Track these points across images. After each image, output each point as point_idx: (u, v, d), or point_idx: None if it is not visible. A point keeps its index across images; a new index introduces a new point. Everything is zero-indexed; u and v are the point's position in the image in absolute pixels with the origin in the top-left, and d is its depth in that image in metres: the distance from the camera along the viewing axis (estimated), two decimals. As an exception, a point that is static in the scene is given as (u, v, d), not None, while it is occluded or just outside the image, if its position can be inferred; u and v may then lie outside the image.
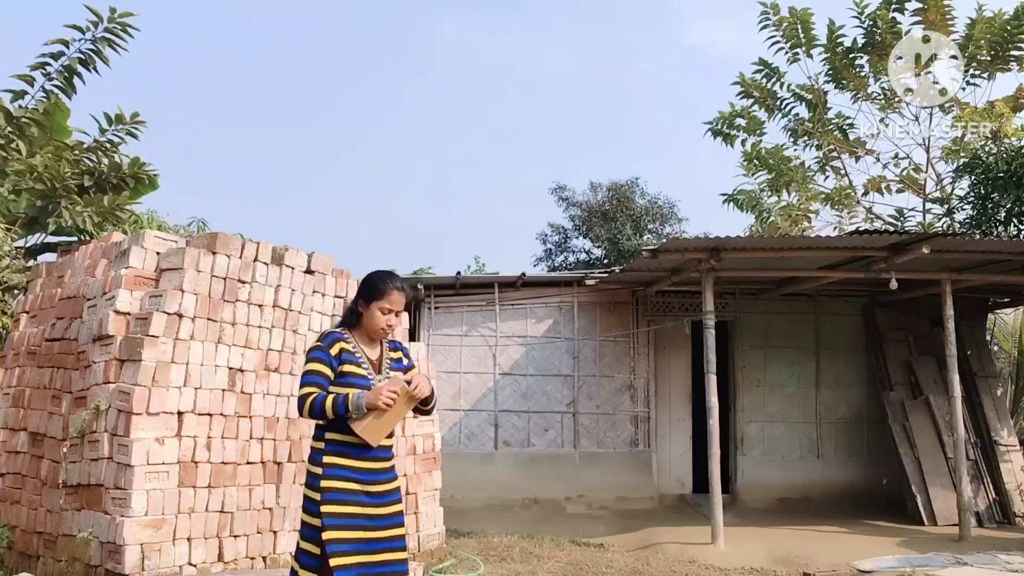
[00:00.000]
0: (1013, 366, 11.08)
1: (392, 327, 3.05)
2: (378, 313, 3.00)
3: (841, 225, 12.16)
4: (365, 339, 3.06)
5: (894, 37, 11.10)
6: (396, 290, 3.02)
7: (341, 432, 2.88)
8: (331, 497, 2.83)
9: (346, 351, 2.98)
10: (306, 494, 2.92)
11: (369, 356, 3.04)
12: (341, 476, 2.86)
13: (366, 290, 3.05)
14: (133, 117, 8.12)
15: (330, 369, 2.93)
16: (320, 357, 2.95)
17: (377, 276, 3.07)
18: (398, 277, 3.09)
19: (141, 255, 4.77)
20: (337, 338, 3.00)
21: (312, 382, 2.90)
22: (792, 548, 6.64)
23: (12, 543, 4.85)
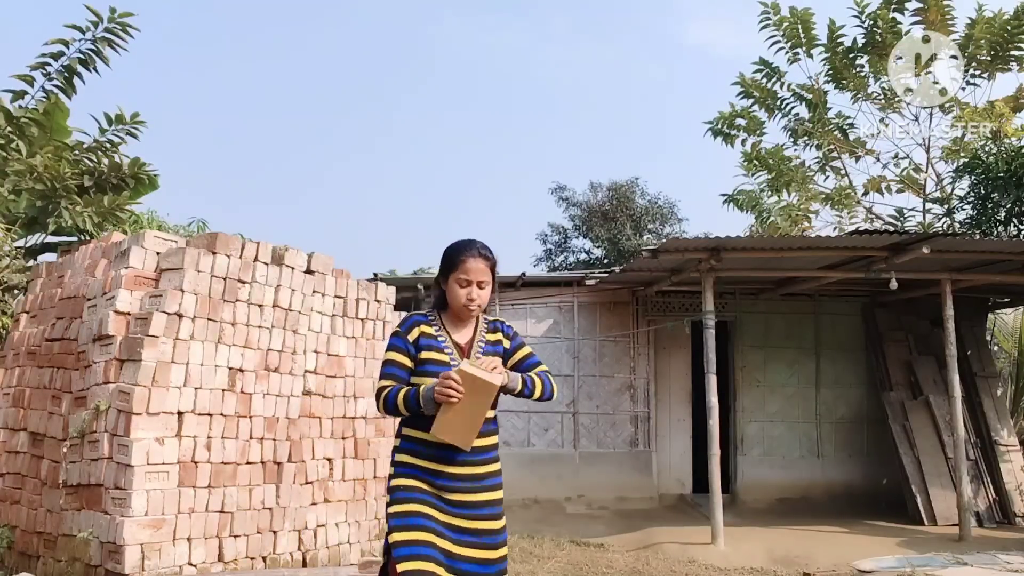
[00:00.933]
0: (1013, 366, 11.08)
1: (475, 301, 2.63)
2: (456, 287, 2.62)
3: (841, 225, 12.17)
4: (454, 320, 2.70)
5: (894, 37, 11.11)
6: (472, 257, 2.62)
7: (416, 428, 2.56)
8: (398, 496, 2.52)
9: (426, 335, 2.63)
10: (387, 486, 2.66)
11: (455, 339, 2.66)
12: (411, 475, 2.54)
13: (442, 264, 2.70)
14: (133, 117, 8.12)
15: (408, 357, 2.60)
16: (396, 345, 2.63)
17: (451, 246, 2.70)
18: (476, 243, 2.68)
19: (141, 255, 4.77)
20: (417, 321, 2.66)
21: (388, 374, 2.61)
22: (792, 548, 6.64)
23: (12, 543, 4.85)
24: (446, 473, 2.53)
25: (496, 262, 2.69)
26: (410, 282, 9.19)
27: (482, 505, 2.56)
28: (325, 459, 5.35)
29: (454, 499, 2.53)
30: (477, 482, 2.57)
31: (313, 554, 5.15)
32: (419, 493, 2.51)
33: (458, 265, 2.62)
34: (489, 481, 2.60)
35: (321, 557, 5.20)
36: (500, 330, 2.76)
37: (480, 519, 2.54)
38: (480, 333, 2.72)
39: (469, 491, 2.55)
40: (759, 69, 12.16)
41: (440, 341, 2.64)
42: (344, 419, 5.54)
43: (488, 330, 2.75)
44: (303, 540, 5.11)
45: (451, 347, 2.64)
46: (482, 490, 2.57)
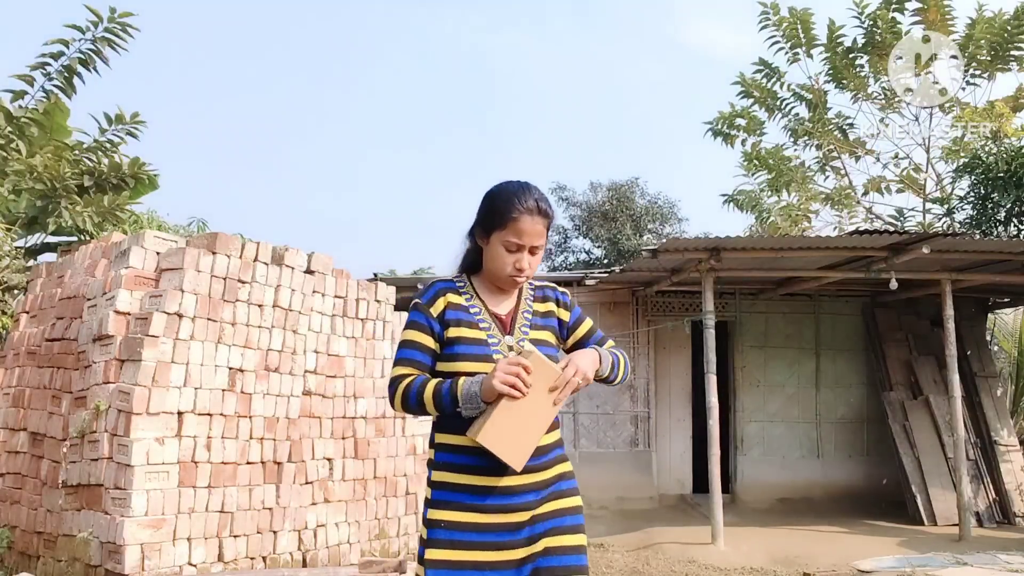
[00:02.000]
0: (1013, 366, 11.08)
1: (524, 272, 1.97)
2: (501, 251, 1.95)
3: (841, 225, 12.18)
4: (490, 287, 2.04)
5: (894, 37, 11.11)
6: (527, 215, 1.92)
7: (453, 430, 1.91)
8: (435, 537, 1.87)
9: (455, 306, 1.97)
10: (422, 518, 1.98)
11: (494, 310, 2.01)
12: (451, 503, 1.88)
13: (484, 214, 2.00)
14: (133, 117, 8.13)
15: (431, 337, 1.95)
16: (416, 321, 1.96)
17: (499, 193, 1.98)
18: (534, 191, 1.98)
19: (141, 255, 4.77)
20: (442, 289, 2.00)
21: (405, 359, 1.94)
22: (792, 548, 6.64)
23: (12, 543, 4.85)
24: (499, 488, 1.87)
25: (554, 220, 2.03)
26: (410, 282, 9.19)
27: (555, 516, 1.93)
28: (325, 459, 5.34)
29: (514, 521, 1.88)
30: (542, 492, 1.93)
31: (313, 554, 5.15)
32: (469, 533, 1.86)
33: (508, 223, 1.93)
34: (557, 487, 1.97)
35: (321, 557, 5.19)
36: (553, 298, 2.11)
37: (556, 535, 1.91)
38: (525, 303, 2.07)
39: (533, 506, 1.91)
40: (759, 69, 12.17)
41: (473, 313, 1.98)
42: (344, 419, 5.54)
43: (535, 298, 2.09)
44: (303, 540, 5.10)
45: (488, 320, 1.98)
46: (551, 499, 1.94)
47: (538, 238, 1.97)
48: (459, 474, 1.90)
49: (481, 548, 1.86)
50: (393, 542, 5.73)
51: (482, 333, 1.96)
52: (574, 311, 2.16)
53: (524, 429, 1.83)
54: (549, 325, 2.07)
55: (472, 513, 1.87)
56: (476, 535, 1.86)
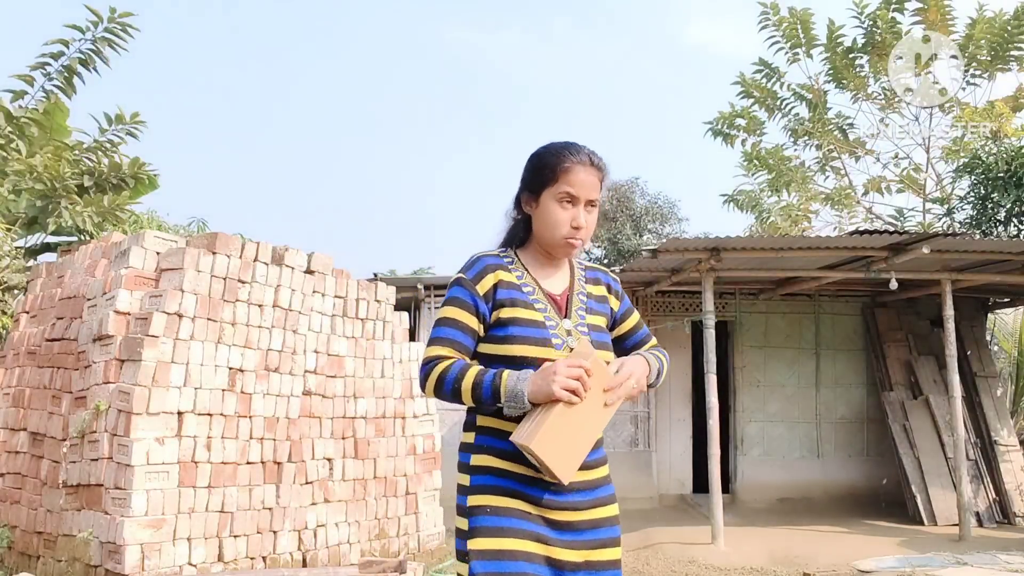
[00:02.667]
0: (1013, 366, 11.08)
1: (580, 231, 1.78)
2: (555, 208, 1.77)
3: (841, 225, 12.18)
4: (541, 262, 1.85)
5: (894, 37, 11.11)
6: (581, 164, 1.78)
7: (502, 416, 1.71)
8: (484, 525, 1.68)
9: (507, 284, 1.77)
10: (456, 515, 1.77)
11: (547, 290, 1.82)
12: (499, 488, 1.71)
13: (532, 173, 1.83)
14: (133, 117, 8.13)
15: (475, 317, 1.75)
16: (458, 298, 1.76)
17: (547, 150, 1.83)
18: (583, 145, 1.84)
19: (141, 255, 4.77)
20: (491, 264, 1.79)
21: (443, 338, 1.74)
22: (792, 548, 6.64)
23: (12, 543, 4.85)
24: (548, 482, 1.71)
25: (607, 174, 1.87)
26: (410, 282, 9.18)
27: (597, 526, 1.77)
28: (325, 459, 5.34)
29: (561, 520, 1.72)
30: (590, 493, 1.78)
31: (313, 554, 5.15)
32: (516, 520, 1.68)
33: (560, 175, 1.76)
34: (603, 491, 1.82)
35: (321, 557, 5.19)
36: (605, 283, 1.94)
37: (596, 547, 1.75)
38: (579, 283, 1.88)
39: (581, 507, 1.75)
40: (759, 69, 12.17)
41: (527, 292, 1.78)
42: (344, 419, 5.54)
43: (588, 279, 1.92)
44: (303, 540, 5.10)
45: (543, 301, 1.79)
46: (597, 504, 1.78)
47: (594, 190, 1.80)
48: (505, 460, 1.70)
49: (527, 537, 1.67)
50: (393, 542, 5.73)
51: (539, 315, 1.76)
52: (624, 301, 1.98)
53: (575, 438, 1.65)
54: (603, 311, 1.89)
55: (518, 500, 1.69)
56: (525, 523, 1.68)
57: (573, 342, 1.77)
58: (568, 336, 1.77)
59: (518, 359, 1.72)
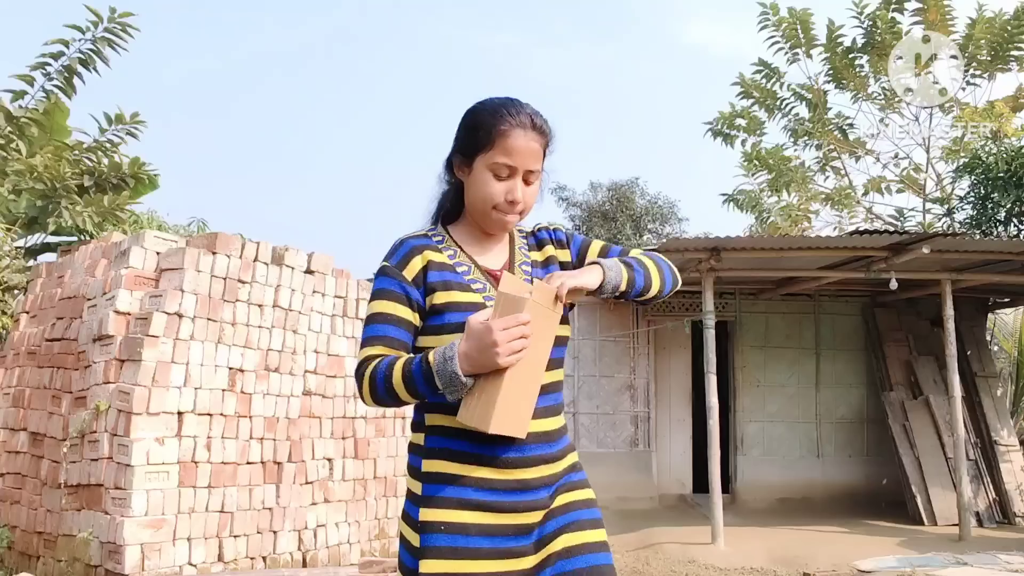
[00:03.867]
0: (1013, 366, 11.08)
1: (517, 205, 1.57)
2: (488, 178, 1.55)
3: (841, 225, 12.18)
4: (476, 236, 1.65)
5: (894, 37, 11.11)
6: (519, 128, 1.54)
7: (454, 411, 1.48)
8: (434, 544, 1.48)
9: (437, 265, 1.58)
10: (403, 521, 1.58)
11: (484, 266, 1.62)
12: (456, 502, 1.50)
13: (466, 133, 1.60)
14: (133, 117, 8.12)
15: (407, 307, 1.56)
16: (385, 289, 1.58)
17: (482, 107, 1.59)
18: (525, 104, 1.60)
19: (141, 255, 4.77)
20: (417, 246, 1.60)
21: (374, 337, 1.56)
22: (792, 548, 6.64)
23: (12, 543, 4.85)
24: (510, 482, 1.51)
25: (551, 139, 1.62)
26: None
27: (568, 510, 1.59)
28: (325, 459, 5.34)
29: (526, 523, 1.53)
30: (553, 486, 1.58)
31: (313, 554, 5.15)
32: (476, 539, 1.48)
33: (495, 139, 1.54)
34: (570, 478, 1.62)
35: (321, 557, 5.20)
36: (549, 239, 1.71)
37: (574, 529, 1.58)
38: (520, 252, 1.67)
39: (546, 503, 1.57)
40: (759, 69, 12.16)
41: (461, 272, 1.59)
42: (344, 419, 5.54)
43: (530, 246, 1.70)
44: (303, 540, 5.10)
45: (481, 279, 1.60)
46: (564, 491, 1.60)
47: (533, 160, 1.56)
48: (460, 464, 1.51)
49: (490, 556, 1.48)
50: (393, 542, 5.73)
51: (476, 295, 1.56)
52: (574, 243, 1.71)
53: (526, 390, 1.46)
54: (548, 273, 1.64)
55: (478, 512, 1.49)
56: (485, 540, 1.48)
57: None
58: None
59: None
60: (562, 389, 1.66)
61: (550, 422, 1.58)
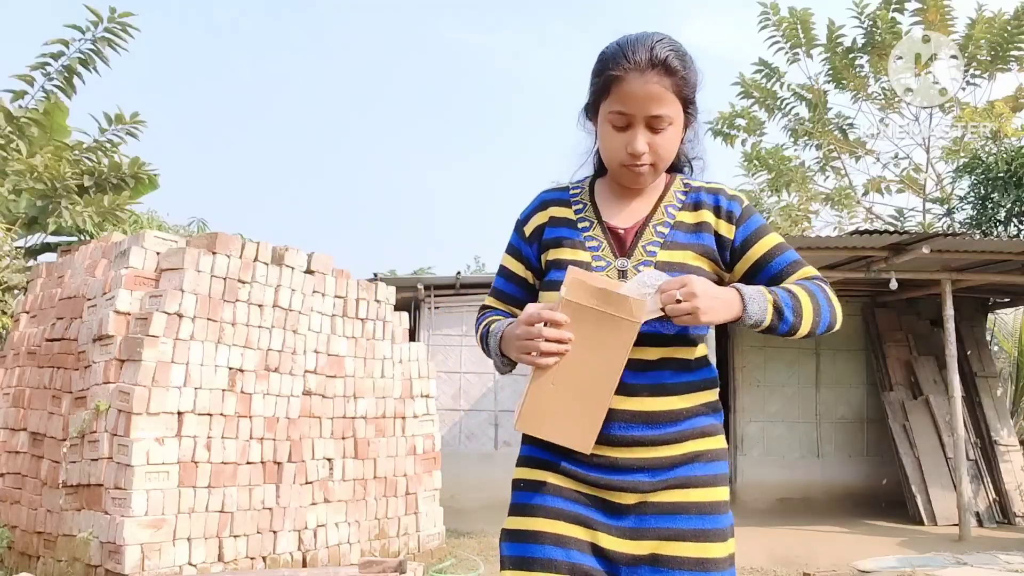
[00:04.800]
0: (1013, 366, 11.09)
1: (640, 157, 1.39)
2: (608, 130, 1.41)
3: (841, 225, 12.18)
4: (617, 192, 1.49)
5: (894, 37, 11.11)
6: (637, 69, 1.34)
7: None
8: (514, 501, 1.45)
9: (558, 221, 1.49)
10: None
11: (611, 224, 1.45)
12: (536, 461, 1.43)
13: (591, 82, 1.45)
14: (133, 117, 8.13)
15: (520, 263, 1.53)
16: (509, 244, 1.56)
17: (605, 49, 1.42)
18: (653, 37, 1.38)
19: (141, 255, 4.77)
20: (547, 200, 1.52)
21: (492, 290, 1.58)
22: (792, 548, 6.64)
23: (12, 543, 4.85)
24: (598, 458, 1.36)
25: (689, 76, 1.41)
26: (410, 282, 9.18)
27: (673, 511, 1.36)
28: (325, 459, 5.34)
29: (614, 501, 1.37)
30: (661, 473, 1.37)
31: (313, 554, 5.15)
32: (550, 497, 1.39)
33: (611, 87, 1.37)
34: (691, 470, 1.39)
35: (321, 557, 5.20)
36: (711, 205, 1.47)
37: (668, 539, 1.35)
38: (663, 211, 1.46)
39: (645, 487, 1.37)
40: (759, 69, 12.17)
41: (579, 228, 1.46)
42: (344, 419, 5.54)
43: (684, 205, 1.47)
44: (303, 540, 5.11)
45: (599, 237, 1.44)
46: (674, 486, 1.38)
47: (655, 104, 1.35)
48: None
49: (566, 519, 1.36)
50: (393, 542, 5.73)
51: (585, 254, 1.41)
52: (746, 223, 1.45)
53: (579, 399, 1.30)
54: (699, 243, 1.43)
55: (557, 476, 1.39)
56: (561, 502, 1.37)
57: None
58: (621, 279, 1.38)
59: None
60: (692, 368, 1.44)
61: (653, 402, 1.37)
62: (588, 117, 1.51)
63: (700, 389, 1.44)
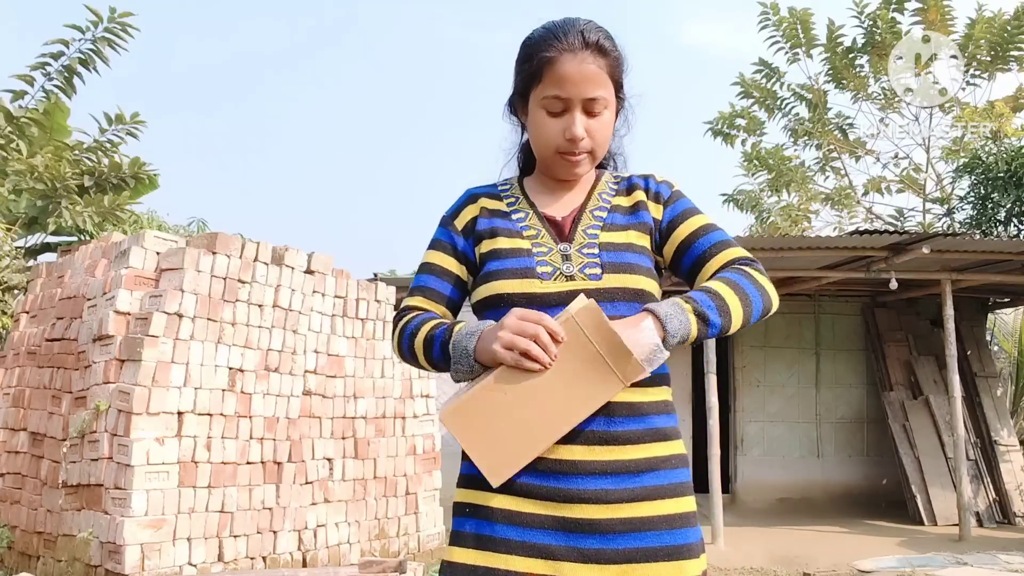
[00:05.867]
0: (1013, 366, 11.08)
1: (578, 143, 1.32)
2: (542, 117, 1.33)
3: (841, 225, 12.19)
4: (550, 186, 1.43)
5: (894, 37, 11.12)
6: (570, 50, 1.29)
7: None
8: (457, 528, 1.29)
9: (490, 213, 1.41)
10: None
11: (547, 213, 1.39)
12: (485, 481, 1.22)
13: (518, 68, 1.38)
14: (133, 117, 8.13)
15: (453, 258, 1.41)
16: (435, 239, 1.44)
17: (532, 33, 1.36)
18: (580, 21, 1.34)
19: (141, 255, 4.77)
20: (476, 194, 1.45)
21: (416, 288, 1.43)
22: (792, 548, 6.64)
23: (12, 543, 4.85)
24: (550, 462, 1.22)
25: (620, 57, 1.36)
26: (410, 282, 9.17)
27: (640, 527, 1.22)
28: (325, 459, 5.34)
29: (573, 517, 1.21)
30: (628, 479, 1.23)
31: (313, 554, 5.15)
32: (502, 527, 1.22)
33: (544, 70, 1.30)
34: (658, 478, 1.26)
35: (321, 557, 5.20)
36: (642, 187, 1.42)
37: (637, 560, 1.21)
38: (599, 198, 1.40)
39: (609, 496, 1.22)
40: (759, 69, 12.17)
41: (515, 219, 1.38)
42: (344, 419, 5.54)
43: (617, 191, 1.42)
44: (303, 540, 5.10)
45: (536, 226, 1.37)
46: (641, 496, 1.23)
47: (591, 86, 1.29)
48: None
49: (521, 553, 1.21)
50: (393, 542, 5.73)
51: (525, 242, 1.34)
52: (674, 204, 1.40)
53: (522, 423, 1.16)
54: (639, 222, 1.37)
55: (511, 497, 1.23)
56: (514, 530, 1.22)
57: (572, 269, 1.30)
58: (565, 263, 1.31)
59: (494, 299, 1.31)
60: None
61: (641, 392, 1.26)
62: (513, 111, 1.44)
63: (655, 384, 1.31)
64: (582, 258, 1.31)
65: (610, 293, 1.27)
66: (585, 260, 1.31)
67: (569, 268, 1.30)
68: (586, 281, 1.28)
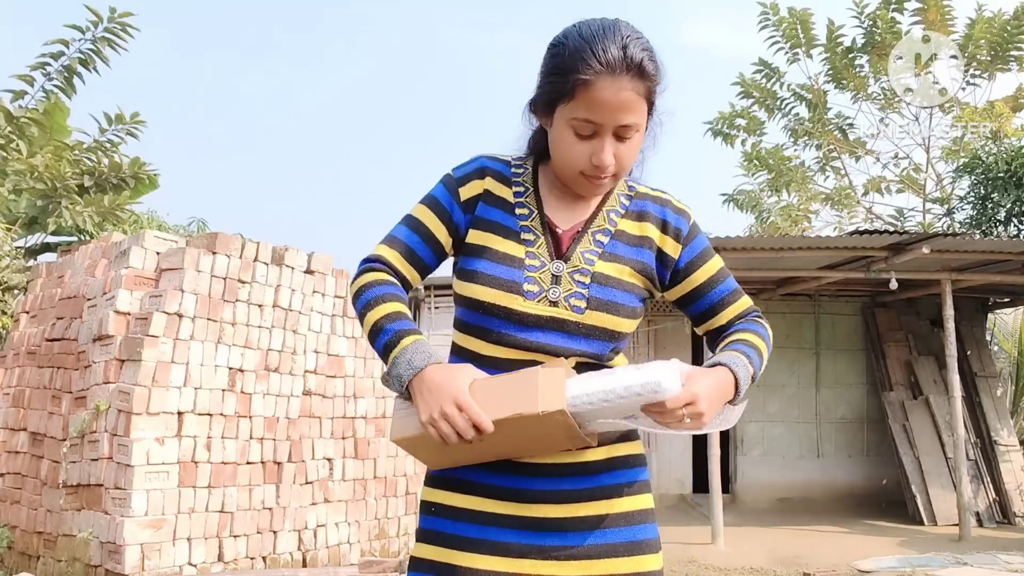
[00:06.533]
0: (1013, 366, 11.08)
1: (605, 170, 1.25)
2: (569, 136, 1.24)
3: (841, 225, 12.19)
4: (559, 187, 1.34)
5: (894, 37, 11.12)
6: (609, 71, 1.18)
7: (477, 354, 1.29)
8: (425, 527, 1.31)
9: (495, 199, 1.33)
10: None
11: (551, 219, 1.32)
12: (454, 482, 1.29)
13: (546, 76, 1.27)
14: (133, 117, 8.14)
15: (443, 225, 1.32)
16: (432, 195, 1.35)
17: (567, 40, 1.24)
18: (621, 31, 1.22)
19: (141, 255, 4.77)
20: (488, 168, 1.35)
21: (394, 237, 1.34)
22: (792, 548, 6.64)
23: (12, 543, 4.85)
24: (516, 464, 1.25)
25: (661, 79, 1.27)
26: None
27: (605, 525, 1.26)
28: (325, 459, 5.34)
29: (536, 516, 1.25)
30: (587, 479, 1.27)
31: (313, 554, 5.15)
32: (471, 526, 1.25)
33: (577, 89, 1.20)
34: (616, 477, 1.29)
35: (321, 557, 5.20)
36: (657, 218, 1.35)
37: (603, 556, 1.24)
38: (605, 215, 1.34)
39: (571, 496, 1.26)
40: (759, 69, 12.17)
41: (518, 216, 1.31)
42: (344, 419, 5.54)
43: (627, 212, 1.35)
44: (303, 540, 5.11)
45: (537, 231, 1.30)
46: (604, 495, 1.27)
47: (626, 113, 1.20)
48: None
49: (489, 552, 1.23)
50: (393, 542, 5.73)
51: (519, 249, 1.27)
52: (692, 243, 1.34)
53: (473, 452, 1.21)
54: (638, 260, 1.31)
55: (473, 497, 1.26)
56: (476, 529, 1.25)
57: (558, 294, 1.25)
58: (553, 286, 1.26)
59: (474, 303, 1.27)
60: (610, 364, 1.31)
61: None
62: (535, 111, 1.33)
63: None
64: (571, 285, 1.27)
65: (588, 329, 1.27)
66: (573, 288, 1.27)
67: (555, 292, 1.26)
68: (568, 312, 1.26)
